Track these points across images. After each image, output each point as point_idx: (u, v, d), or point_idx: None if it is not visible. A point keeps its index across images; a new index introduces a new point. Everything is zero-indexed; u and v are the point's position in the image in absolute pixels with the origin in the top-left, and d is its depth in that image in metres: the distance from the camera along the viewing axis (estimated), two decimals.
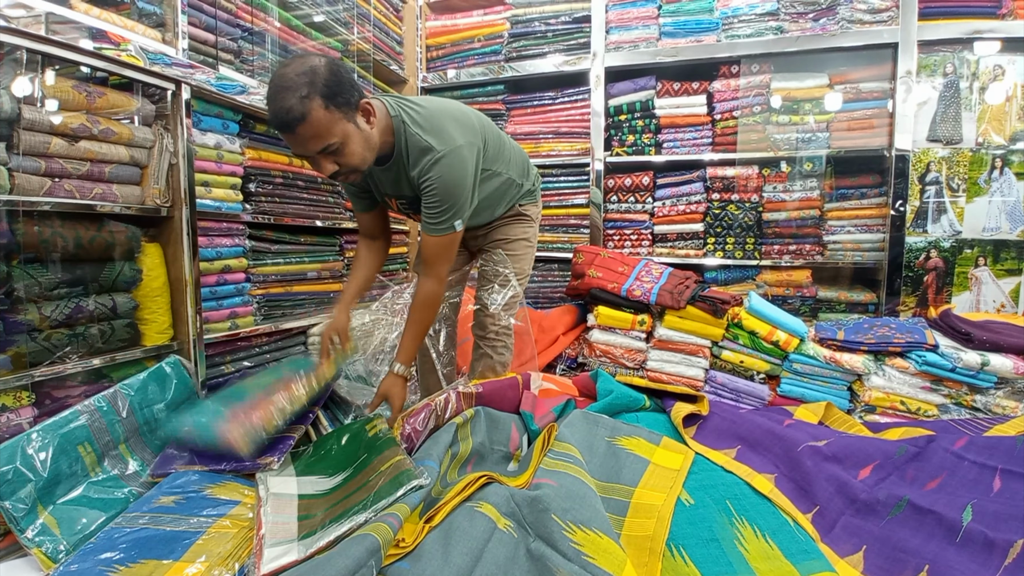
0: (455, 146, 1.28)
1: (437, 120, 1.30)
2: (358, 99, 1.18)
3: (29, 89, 1.20)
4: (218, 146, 1.66)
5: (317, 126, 1.10)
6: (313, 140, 1.12)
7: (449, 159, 1.26)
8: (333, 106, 1.11)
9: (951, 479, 1.26)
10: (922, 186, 2.16)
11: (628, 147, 2.54)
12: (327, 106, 1.10)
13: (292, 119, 1.08)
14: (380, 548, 0.82)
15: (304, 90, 1.07)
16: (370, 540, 0.82)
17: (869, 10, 2.15)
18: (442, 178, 1.26)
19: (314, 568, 0.79)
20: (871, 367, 1.78)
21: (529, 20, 2.64)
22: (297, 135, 1.11)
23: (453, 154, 1.27)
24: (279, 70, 1.12)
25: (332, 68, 1.13)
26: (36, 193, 1.23)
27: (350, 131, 1.16)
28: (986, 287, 2.13)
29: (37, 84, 1.21)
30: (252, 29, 1.79)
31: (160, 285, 1.50)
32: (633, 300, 2.02)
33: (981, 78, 2.15)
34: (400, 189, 1.40)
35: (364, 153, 1.22)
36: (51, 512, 1.08)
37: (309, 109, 1.08)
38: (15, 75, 1.19)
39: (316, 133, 1.11)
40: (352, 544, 0.81)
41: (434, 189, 1.27)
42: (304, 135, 1.10)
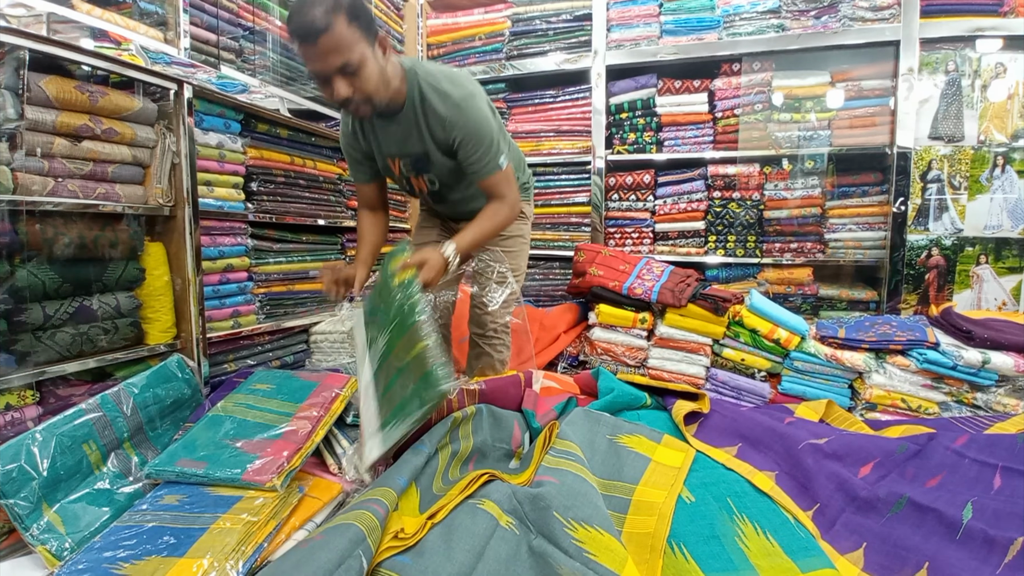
0: (470, 91, 1.31)
1: (450, 72, 1.34)
2: (376, 30, 1.20)
3: (32, 89, 1.21)
4: (220, 145, 1.67)
5: (339, 40, 1.10)
6: (334, 54, 1.12)
7: (475, 100, 1.30)
8: (356, 25, 1.13)
9: (951, 477, 1.27)
10: (923, 184, 2.16)
11: (629, 145, 2.54)
12: (350, 23, 1.12)
13: (316, 29, 1.08)
14: (365, 537, 0.82)
15: (330, 3, 1.09)
16: (354, 530, 0.82)
17: (871, 8, 2.15)
18: (468, 118, 1.29)
19: (296, 566, 0.79)
20: (872, 365, 1.78)
21: (530, 18, 2.64)
22: (318, 47, 1.10)
23: (472, 97, 1.30)
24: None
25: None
26: (39, 193, 1.23)
27: (368, 55, 1.17)
28: (987, 285, 2.13)
29: (40, 84, 1.22)
30: (253, 28, 1.79)
31: (163, 284, 1.51)
32: (634, 298, 2.02)
33: (983, 76, 2.14)
34: (407, 146, 1.39)
35: (379, 83, 1.22)
36: (56, 510, 1.08)
37: (333, 22, 1.08)
38: (18, 75, 1.19)
39: (337, 47, 1.11)
40: (335, 535, 0.81)
41: (465, 131, 1.29)
42: (325, 47, 1.11)
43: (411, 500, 1.04)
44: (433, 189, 1.51)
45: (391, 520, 0.93)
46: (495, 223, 1.40)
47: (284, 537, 1.04)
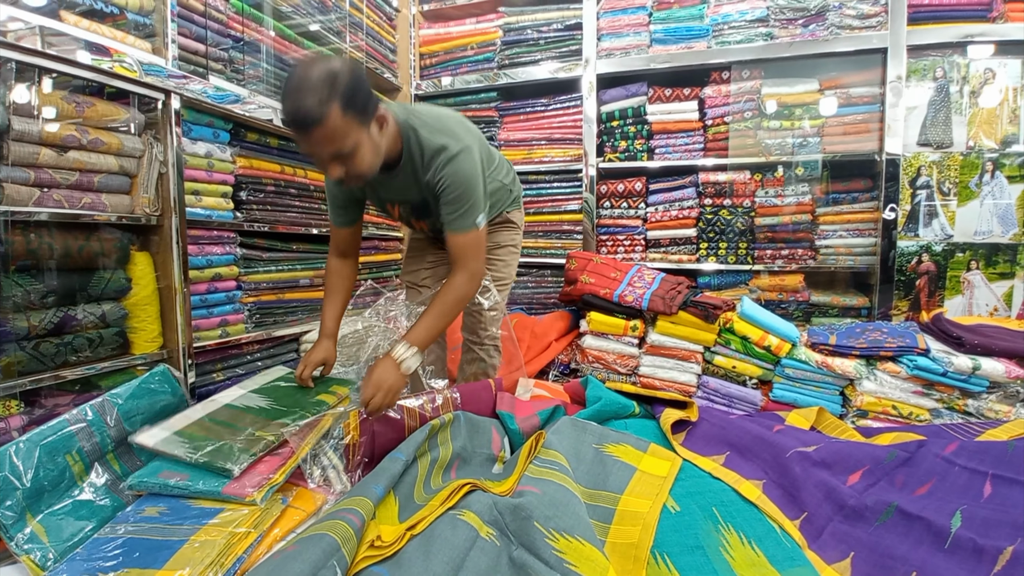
0: (466, 145, 1.30)
1: (444, 122, 1.32)
2: (374, 107, 1.18)
3: (18, 100, 1.21)
4: (208, 155, 1.67)
5: (333, 131, 1.10)
6: (326, 144, 1.12)
7: (463, 156, 1.28)
8: (351, 113, 1.11)
9: (941, 484, 1.26)
10: (913, 190, 2.16)
11: (621, 153, 2.55)
12: (345, 113, 1.10)
13: (309, 120, 1.08)
14: (340, 547, 0.82)
15: (324, 92, 1.06)
16: (327, 540, 0.81)
17: (858, 16, 2.17)
18: (458, 174, 1.28)
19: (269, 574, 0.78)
20: (863, 372, 1.78)
21: (521, 28, 2.66)
22: (311, 137, 1.11)
23: (466, 152, 1.29)
24: (300, 69, 1.10)
25: (354, 74, 1.12)
26: (25, 203, 1.24)
27: (363, 139, 1.16)
28: (978, 291, 2.13)
29: (27, 95, 1.22)
30: (243, 39, 1.80)
31: (149, 294, 1.51)
32: (625, 306, 2.02)
33: (971, 82, 2.15)
34: (407, 194, 1.40)
35: (373, 161, 1.22)
36: (40, 520, 1.08)
37: (327, 113, 1.07)
38: (5, 86, 1.20)
39: (331, 138, 1.11)
40: (308, 545, 0.81)
41: (453, 187, 1.28)
42: (318, 138, 1.11)
43: (389, 509, 1.03)
44: (435, 227, 1.52)
45: (368, 529, 0.92)
46: (456, 301, 1.33)
47: (265, 549, 1.03)
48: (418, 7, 2.85)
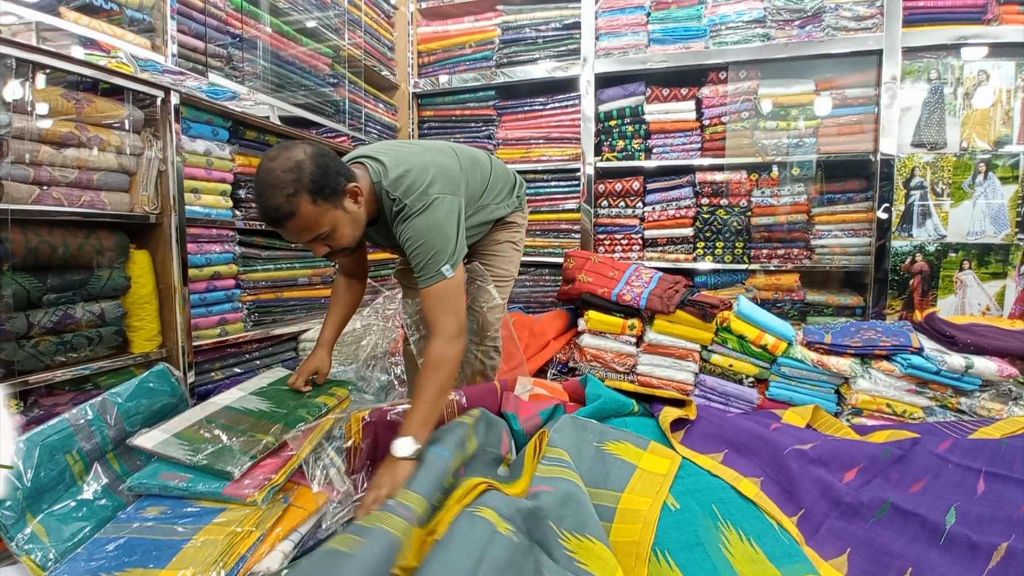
0: (429, 201, 1.26)
1: (412, 176, 1.28)
2: (344, 184, 1.18)
3: (17, 97, 1.20)
4: (207, 152, 1.66)
5: (306, 220, 1.13)
6: (304, 232, 1.15)
7: (421, 211, 1.25)
8: (320, 199, 1.12)
9: (935, 481, 1.28)
10: (907, 191, 2.19)
11: (618, 152, 2.56)
12: (315, 200, 1.12)
13: (281, 216, 1.11)
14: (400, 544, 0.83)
15: (291, 188, 1.09)
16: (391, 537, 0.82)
17: (854, 17, 2.19)
18: (415, 228, 1.25)
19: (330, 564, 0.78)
20: (857, 370, 1.80)
21: (520, 26, 2.66)
22: (288, 229, 1.14)
23: (426, 206, 1.25)
24: (264, 163, 1.11)
25: (317, 161, 1.13)
26: (24, 201, 1.23)
27: (339, 218, 1.18)
28: (971, 290, 2.16)
29: (26, 92, 1.21)
30: (242, 36, 1.80)
31: (148, 292, 1.50)
32: (623, 304, 2.03)
33: (965, 84, 2.18)
34: (393, 241, 1.38)
35: (353, 233, 1.24)
36: (40, 520, 1.08)
37: (297, 206, 1.10)
38: (3, 83, 1.19)
39: (306, 227, 1.14)
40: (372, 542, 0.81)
41: (411, 241, 1.26)
42: (294, 229, 1.14)
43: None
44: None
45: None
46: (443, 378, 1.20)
47: (267, 548, 1.03)
48: (416, 5, 2.84)
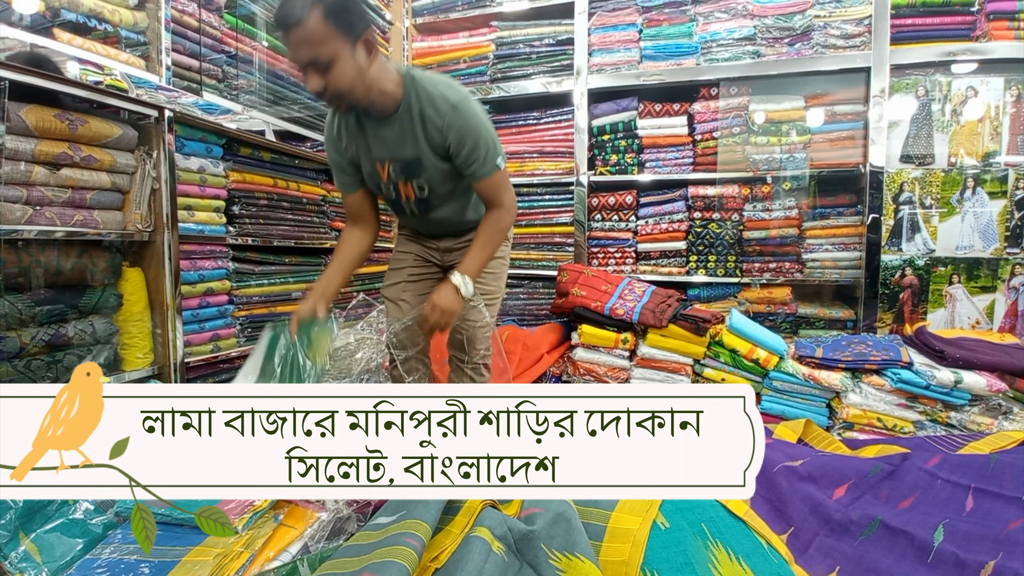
0: (467, 94, 1.34)
1: (447, 79, 1.38)
2: (362, 31, 1.19)
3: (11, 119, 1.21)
4: (201, 170, 1.67)
5: (310, 35, 1.12)
6: (304, 47, 1.14)
7: (469, 104, 1.32)
8: (332, 22, 1.13)
9: (924, 498, 1.28)
10: (896, 206, 2.21)
11: (611, 166, 2.58)
12: (325, 20, 1.12)
13: (289, 21, 1.11)
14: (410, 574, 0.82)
15: (310, 0, 1.11)
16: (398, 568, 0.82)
17: (842, 35, 2.22)
18: (468, 122, 1.31)
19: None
20: (848, 384, 1.81)
21: (514, 42, 2.69)
22: (290, 39, 1.14)
23: (470, 100, 1.33)
24: None
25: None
26: (17, 222, 1.23)
27: (344, 54, 1.17)
28: (960, 304, 2.18)
29: (19, 114, 1.22)
30: (237, 54, 1.82)
31: (141, 309, 1.50)
32: (616, 318, 2.05)
33: (953, 100, 2.21)
34: (400, 150, 1.38)
35: (355, 83, 1.22)
36: (33, 539, 1.08)
37: (307, 16, 1.10)
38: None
39: (308, 41, 1.13)
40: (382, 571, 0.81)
41: (467, 136, 1.31)
42: (296, 40, 1.14)
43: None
44: (421, 196, 1.47)
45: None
46: (496, 231, 1.41)
47: (257, 568, 1.03)
48: (411, 20, 2.87)
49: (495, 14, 2.71)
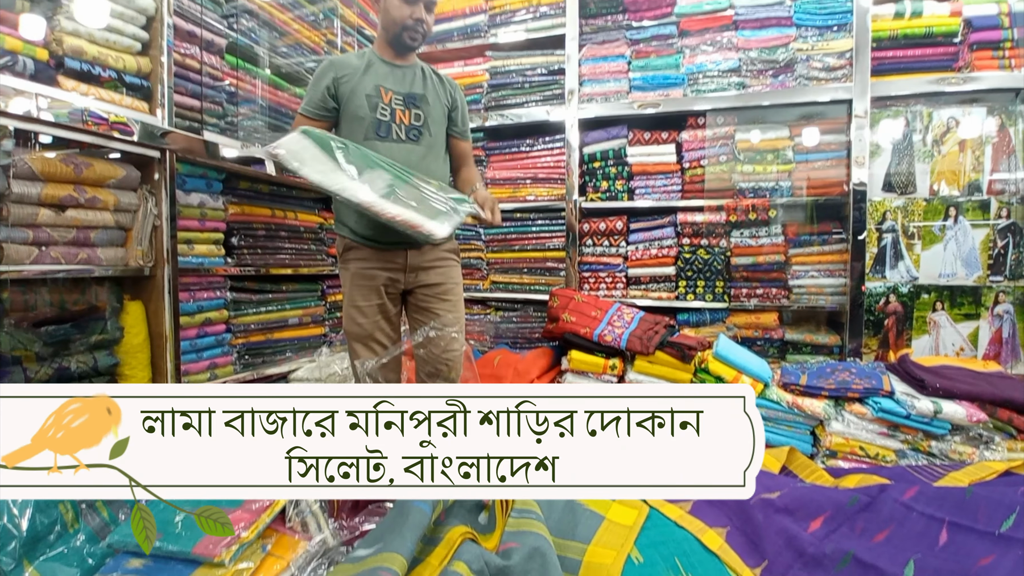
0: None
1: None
2: None
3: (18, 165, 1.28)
4: (202, 204, 1.74)
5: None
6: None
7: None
8: None
9: (898, 531, 1.31)
10: (879, 233, 2.25)
11: (602, 193, 2.64)
12: None
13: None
14: None
15: None
16: None
17: (824, 68, 2.28)
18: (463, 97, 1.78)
19: None
20: (831, 413, 1.84)
21: (507, 72, 2.77)
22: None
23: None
24: None
25: None
26: (23, 262, 1.30)
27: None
28: (944, 331, 2.21)
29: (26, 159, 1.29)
30: (237, 92, 1.89)
31: (141, 341, 1.56)
32: (605, 345, 2.09)
33: (934, 130, 2.26)
34: (411, 86, 1.63)
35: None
36: (36, 567, 1.12)
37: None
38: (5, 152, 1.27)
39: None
40: None
41: (462, 102, 1.76)
42: None
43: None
44: (416, 124, 1.62)
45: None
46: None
47: None
48: None
49: (490, 45, 2.79)
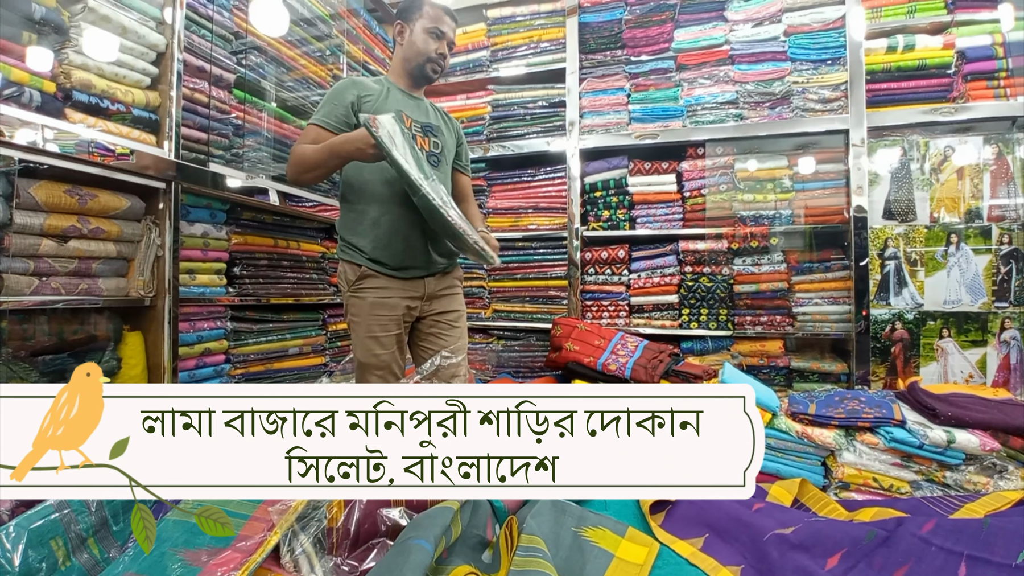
0: None
1: None
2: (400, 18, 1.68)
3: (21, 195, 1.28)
4: (205, 235, 1.74)
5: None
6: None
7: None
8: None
9: (917, 567, 1.26)
10: (882, 261, 2.25)
11: (604, 222, 2.66)
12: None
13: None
14: None
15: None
16: None
17: (820, 100, 2.32)
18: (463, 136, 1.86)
19: None
20: (842, 443, 1.79)
21: (509, 104, 2.82)
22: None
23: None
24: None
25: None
26: (23, 292, 1.29)
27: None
28: (952, 358, 2.18)
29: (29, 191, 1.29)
30: (244, 125, 1.91)
31: (139, 372, 1.54)
32: (609, 374, 2.06)
33: (932, 159, 2.28)
34: (426, 117, 1.69)
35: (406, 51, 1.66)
36: None
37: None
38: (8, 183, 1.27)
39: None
40: None
41: (464, 139, 1.84)
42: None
43: None
44: (435, 151, 1.66)
45: None
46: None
47: None
48: None
49: (492, 78, 2.86)
